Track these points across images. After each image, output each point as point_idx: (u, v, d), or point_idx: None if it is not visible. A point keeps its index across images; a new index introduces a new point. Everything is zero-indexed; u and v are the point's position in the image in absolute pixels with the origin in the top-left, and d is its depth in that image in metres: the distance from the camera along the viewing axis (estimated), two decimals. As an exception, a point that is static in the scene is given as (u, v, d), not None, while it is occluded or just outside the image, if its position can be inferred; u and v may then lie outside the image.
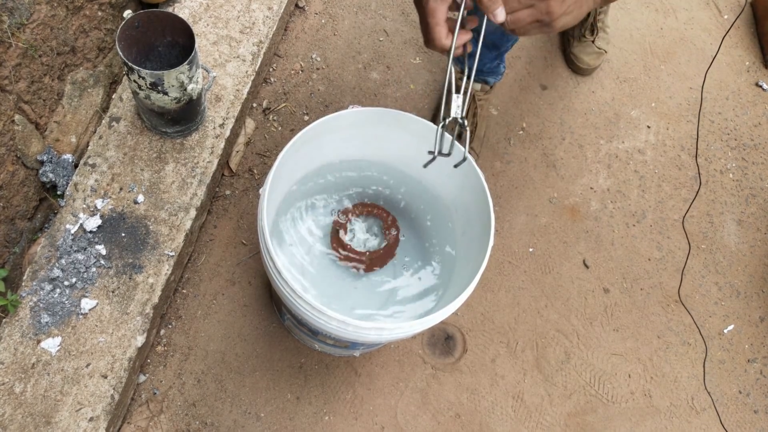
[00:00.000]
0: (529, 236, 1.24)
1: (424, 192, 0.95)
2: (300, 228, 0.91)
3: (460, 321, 1.14)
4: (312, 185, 0.92)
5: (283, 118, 1.25)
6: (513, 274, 1.20)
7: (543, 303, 1.19)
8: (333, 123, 0.81)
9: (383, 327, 0.68)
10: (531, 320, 1.17)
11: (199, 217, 1.05)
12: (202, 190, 1.03)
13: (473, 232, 0.85)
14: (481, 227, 0.80)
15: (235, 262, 1.10)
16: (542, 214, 1.27)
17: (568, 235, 1.27)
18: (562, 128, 1.37)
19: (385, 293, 0.89)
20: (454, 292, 0.81)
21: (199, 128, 1.07)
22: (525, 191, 1.29)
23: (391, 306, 0.88)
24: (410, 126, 0.84)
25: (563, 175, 1.32)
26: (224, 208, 1.14)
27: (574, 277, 1.23)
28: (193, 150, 1.05)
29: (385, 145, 0.90)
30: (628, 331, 1.20)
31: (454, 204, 0.91)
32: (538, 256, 1.23)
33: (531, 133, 1.35)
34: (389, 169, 0.95)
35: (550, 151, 1.34)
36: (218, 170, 1.09)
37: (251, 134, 1.21)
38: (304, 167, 0.90)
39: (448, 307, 0.72)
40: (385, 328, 0.69)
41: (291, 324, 0.96)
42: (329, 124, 0.81)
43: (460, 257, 0.88)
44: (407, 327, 0.70)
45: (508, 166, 1.31)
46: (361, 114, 0.82)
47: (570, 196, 1.31)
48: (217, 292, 1.08)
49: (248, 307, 1.08)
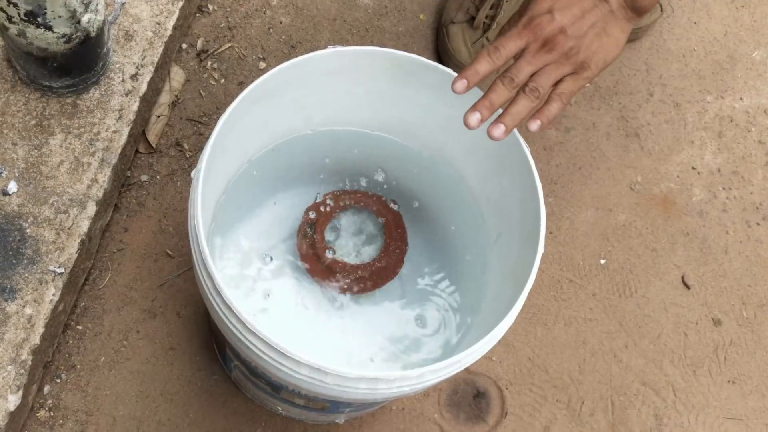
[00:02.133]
0: (600, 241, 1.25)
1: (440, 175, 0.95)
2: (254, 230, 0.91)
3: (497, 369, 1.15)
4: (271, 166, 0.92)
5: (228, 65, 1.25)
6: (576, 298, 1.21)
7: (621, 342, 1.19)
8: (302, 72, 0.81)
9: (379, 377, 0.69)
10: (603, 368, 1.17)
11: (101, 215, 1.05)
12: (106, 174, 1.03)
13: (514, 233, 0.85)
14: (527, 227, 0.80)
15: (157, 282, 1.10)
16: (619, 207, 1.28)
17: (658, 240, 1.27)
18: (649, 78, 1.37)
19: (383, 326, 0.89)
20: (485, 324, 0.81)
21: (101, 81, 1.07)
22: (593, 173, 1.29)
23: (392, 345, 0.88)
24: (420, 76, 0.83)
25: (651, 149, 1.32)
26: (140, 202, 1.14)
27: (668, 302, 1.23)
28: (92, 114, 1.05)
29: (381, 105, 0.90)
30: (751, 384, 1.20)
31: (485, 193, 0.91)
32: (613, 270, 1.23)
33: (602, 85, 1.36)
34: (388, 141, 0.95)
35: (631, 113, 1.34)
36: (130, 144, 1.09)
37: (180, 90, 1.21)
38: (259, 139, 0.90)
39: (477, 347, 0.72)
40: (381, 379, 0.69)
41: (241, 375, 0.96)
42: (296, 74, 0.81)
43: (495, 272, 0.88)
44: (415, 377, 0.70)
45: (568, 135, 1.31)
46: (345, 58, 0.82)
47: (661, 181, 1.31)
48: (130, 328, 1.08)
49: (177, 350, 1.08)
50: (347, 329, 0.89)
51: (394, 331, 0.89)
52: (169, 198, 1.15)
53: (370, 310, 0.91)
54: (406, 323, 0.90)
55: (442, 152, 0.94)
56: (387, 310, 0.91)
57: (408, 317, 0.90)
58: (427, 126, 0.91)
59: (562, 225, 1.25)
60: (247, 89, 0.77)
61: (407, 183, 0.96)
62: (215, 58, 1.24)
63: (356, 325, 0.89)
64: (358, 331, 0.89)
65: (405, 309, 0.91)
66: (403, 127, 0.93)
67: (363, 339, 0.89)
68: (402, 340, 0.89)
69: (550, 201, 1.26)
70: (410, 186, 0.96)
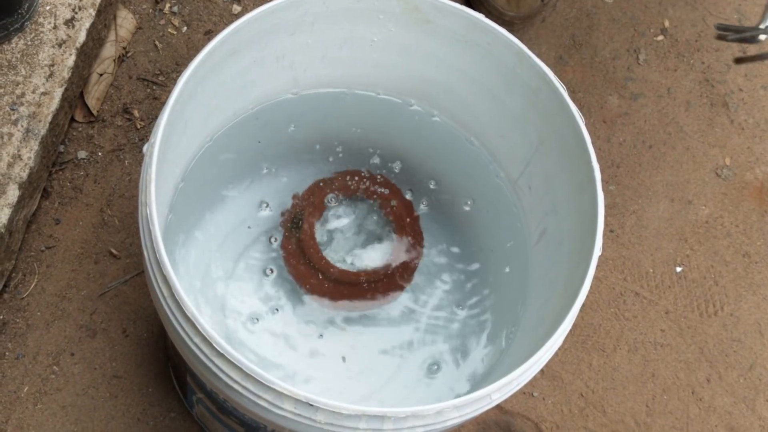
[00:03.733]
0: (676, 242, 1.25)
1: (465, 154, 0.95)
2: (224, 224, 0.92)
3: (539, 408, 1.15)
4: (247, 140, 0.93)
5: (192, 9, 1.25)
6: (644, 316, 1.21)
7: (703, 374, 1.19)
8: (288, 17, 0.81)
9: (385, 415, 0.69)
10: (679, 408, 1.17)
11: (24, 202, 1.05)
12: (32, 149, 1.03)
13: (563, 231, 0.85)
14: (579, 223, 0.80)
15: (97, 290, 1.11)
16: (701, 198, 1.27)
17: (752, 241, 1.27)
18: (743, 30, 1.37)
19: (389, 349, 0.89)
20: (522, 349, 0.81)
21: (26, 28, 1.07)
22: (668, 154, 1.29)
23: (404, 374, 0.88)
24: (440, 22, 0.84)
25: (743, 123, 1.32)
26: (75, 186, 1.14)
27: (764, 323, 1.23)
28: (14, 70, 1.06)
29: (389, 60, 0.90)
30: None
31: (524, 178, 0.92)
32: (692, 281, 1.23)
33: (679, 39, 1.35)
34: (397, 108, 0.95)
35: (718, 76, 1.34)
36: (63, 111, 1.09)
37: (129, 41, 1.21)
38: (232, 105, 0.90)
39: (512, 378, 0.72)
40: (388, 417, 0.69)
41: (206, 412, 0.96)
42: (281, 20, 0.81)
43: (537, 282, 0.88)
44: (432, 415, 0.70)
45: (635, 104, 1.31)
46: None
47: (756, 165, 1.30)
48: (62, 349, 1.08)
49: (122, 379, 1.08)
50: (344, 353, 0.90)
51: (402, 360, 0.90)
52: (114, 181, 1.15)
53: (372, 330, 0.91)
54: (417, 345, 0.90)
55: (468, 124, 0.94)
56: (393, 329, 0.91)
57: (422, 340, 0.91)
58: (450, 88, 0.91)
59: (626, 221, 1.25)
60: (215, 39, 0.77)
61: (422, 165, 0.96)
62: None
63: (355, 347, 0.90)
64: (357, 355, 0.89)
65: (417, 329, 0.91)
66: (418, 88, 0.93)
67: (363, 365, 0.89)
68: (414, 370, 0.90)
69: (611, 190, 1.26)
70: (426, 169, 0.96)
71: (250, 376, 0.69)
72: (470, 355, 0.90)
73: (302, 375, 0.88)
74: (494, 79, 0.85)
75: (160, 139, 0.74)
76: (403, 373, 0.89)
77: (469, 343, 0.90)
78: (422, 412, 0.70)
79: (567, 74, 1.31)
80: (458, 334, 0.91)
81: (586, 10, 1.35)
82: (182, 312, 0.70)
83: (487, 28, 0.82)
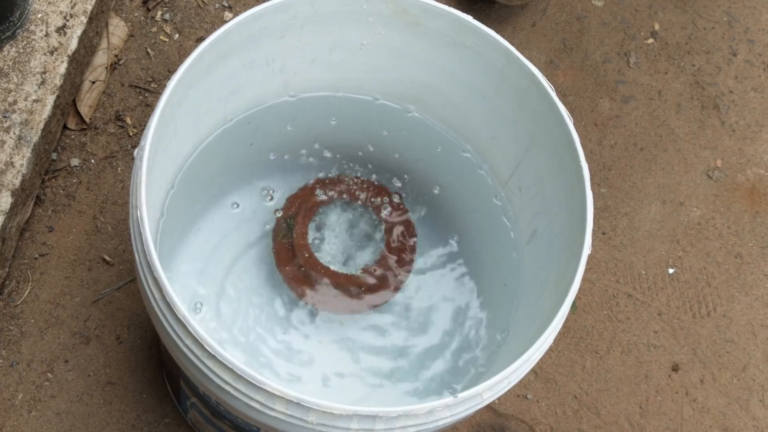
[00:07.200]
0: (669, 244, 1.25)
1: (456, 156, 0.95)
2: (218, 225, 0.92)
3: (533, 410, 1.15)
4: (238, 145, 0.93)
5: (184, 16, 1.25)
6: (636, 318, 1.21)
7: (696, 376, 1.19)
8: (280, 20, 0.81)
9: (377, 414, 0.69)
10: (673, 409, 1.17)
11: (18, 209, 1.05)
12: (25, 156, 1.03)
13: (553, 231, 0.85)
14: (569, 223, 0.80)
15: (90, 297, 1.11)
16: (693, 199, 1.28)
17: (744, 242, 1.27)
18: (732, 32, 1.37)
19: (384, 353, 0.89)
20: (514, 348, 0.81)
21: (18, 36, 1.07)
22: (659, 156, 1.29)
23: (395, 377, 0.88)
24: (430, 25, 0.84)
25: (734, 125, 1.32)
26: (69, 194, 1.14)
27: (757, 324, 1.23)
28: (7, 78, 1.06)
29: (376, 63, 0.90)
30: None
31: (514, 180, 0.92)
32: (686, 283, 1.23)
33: (670, 42, 1.35)
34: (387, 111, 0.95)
35: (708, 78, 1.34)
36: (56, 118, 1.09)
37: (121, 49, 1.21)
38: (222, 109, 0.90)
39: (503, 377, 0.72)
40: (380, 417, 0.69)
41: (200, 416, 0.96)
42: (273, 23, 0.81)
43: (527, 282, 0.88)
44: (423, 415, 0.70)
45: (627, 106, 1.31)
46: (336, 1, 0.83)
47: (747, 166, 1.31)
48: (56, 356, 1.08)
49: (116, 385, 1.08)
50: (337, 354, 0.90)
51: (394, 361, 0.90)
52: (106, 188, 1.15)
53: (365, 331, 0.91)
54: (410, 348, 0.90)
55: (459, 127, 0.94)
56: (386, 330, 0.91)
57: (415, 341, 0.91)
58: (440, 91, 0.91)
59: (618, 223, 1.25)
60: (205, 42, 0.77)
61: (415, 168, 0.97)
62: (167, 7, 1.25)
63: (348, 349, 0.90)
64: (350, 357, 0.89)
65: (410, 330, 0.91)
66: (409, 91, 0.93)
67: (356, 367, 0.89)
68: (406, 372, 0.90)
69: (603, 192, 1.26)
70: (419, 172, 0.96)
71: (242, 377, 0.69)
72: (463, 355, 0.90)
73: (294, 377, 0.88)
74: (484, 81, 0.85)
75: (150, 142, 0.74)
76: (397, 374, 0.89)
77: (462, 344, 0.90)
78: (413, 412, 0.70)
79: (558, 78, 1.31)
80: (451, 334, 0.91)
81: (577, 14, 1.36)
82: (174, 316, 0.70)
83: (475, 30, 0.82)
